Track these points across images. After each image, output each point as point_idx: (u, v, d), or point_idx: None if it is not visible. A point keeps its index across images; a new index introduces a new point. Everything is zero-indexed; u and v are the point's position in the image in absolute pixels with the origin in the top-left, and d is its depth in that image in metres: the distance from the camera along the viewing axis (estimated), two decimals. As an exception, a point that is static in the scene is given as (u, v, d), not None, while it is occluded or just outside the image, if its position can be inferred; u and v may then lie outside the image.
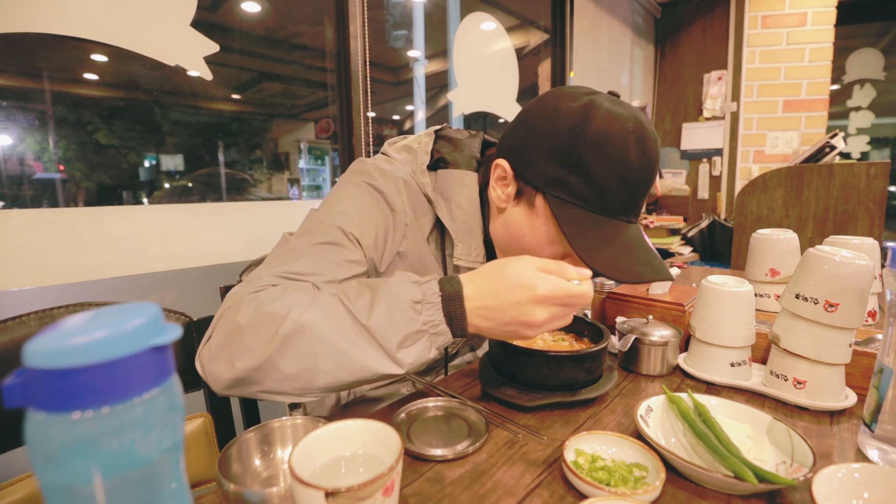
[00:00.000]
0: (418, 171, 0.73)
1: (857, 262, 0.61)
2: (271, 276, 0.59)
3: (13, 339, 0.63)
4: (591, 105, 0.59)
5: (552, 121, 0.61)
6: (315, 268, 0.61)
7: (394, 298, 0.53)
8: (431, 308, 0.53)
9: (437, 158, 0.74)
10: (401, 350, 0.53)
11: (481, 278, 0.55)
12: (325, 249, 0.63)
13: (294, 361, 0.52)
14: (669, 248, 3.03)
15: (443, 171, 0.73)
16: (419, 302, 0.53)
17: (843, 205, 2.07)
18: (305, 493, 0.36)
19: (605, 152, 0.58)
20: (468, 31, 2.30)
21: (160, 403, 0.24)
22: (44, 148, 1.11)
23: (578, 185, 0.60)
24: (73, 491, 0.22)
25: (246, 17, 1.46)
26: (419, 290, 0.54)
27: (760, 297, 1.00)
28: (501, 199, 0.67)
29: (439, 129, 0.79)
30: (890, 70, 3.64)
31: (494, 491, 0.49)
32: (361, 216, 0.67)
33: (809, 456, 0.49)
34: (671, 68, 3.77)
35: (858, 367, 0.69)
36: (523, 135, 0.64)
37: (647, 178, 0.61)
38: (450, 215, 0.71)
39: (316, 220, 0.67)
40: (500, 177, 0.67)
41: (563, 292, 0.51)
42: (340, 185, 0.72)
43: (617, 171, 0.59)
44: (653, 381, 0.76)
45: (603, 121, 0.58)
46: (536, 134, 0.62)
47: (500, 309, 0.52)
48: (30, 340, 0.21)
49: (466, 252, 0.72)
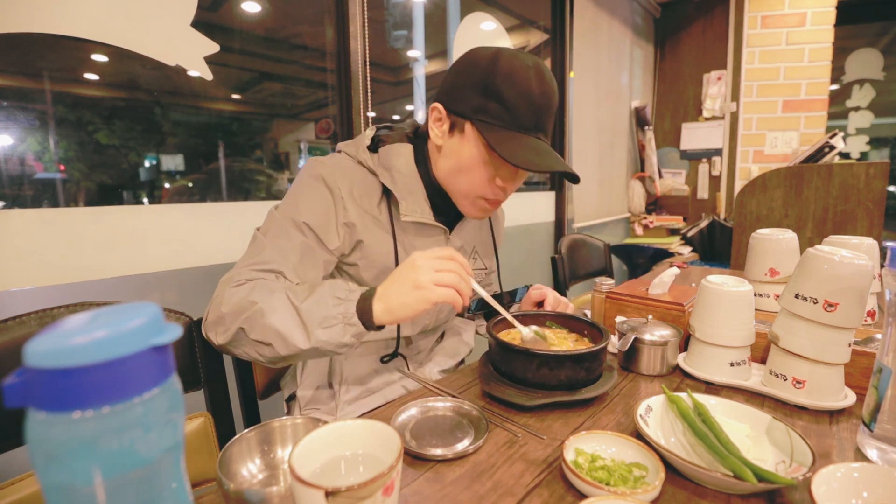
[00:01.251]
0: (361, 152, 0.86)
1: (856, 262, 0.61)
2: (247, 270, 0.75)
3: (13, 338, 0.63)
4: (499, 50, 0.78)
5: (472, 63, 0.79)
6: (275, 255, 0.77)
7: (323, 293, 0.69)
8: (347, 304, 0.68)
9: (376, 141, 0.88)
10: (318, 329, 0.67)
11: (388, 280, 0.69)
12: (281, 239, 0.78)
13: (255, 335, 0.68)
14: (669, 247, 3.03)
15: (382, 148, 0.86)
16: (341, 299, 0.69)
17: (842, 205, 2.07)
18: (305, 492, 0.36)
19: (513, 82, 0.74)
20: (468, 32, 2.30)
21: (160, 403, 0.24)
22: (44, 148, 1.11)
23: (496, 109, 0.76)
24: (73, 490, 0.22)
25: (246, 17, 1.46)
26: (345, 290, 0.70)
27: (760, 296, 1.00)
28: (438, 136, 0.82)
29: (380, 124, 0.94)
30: (889, 70, 3.64)
31: (494, 490, 0.49)
32: (307, 204, 0.80)
33: (809, 455, 0.49)
34: (671, 68, 3.77)
35: (857, 366, 0.70)
36: (451, 79, 0.81)
37: (547, 102, 0.77)
38: (392, 180, 0.84)
39: (273, 216, 0.81)
40: (436, 118, 0.82)
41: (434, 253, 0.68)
42: (293, 185, 0.86)
43: (523, 96, 0.75)
44: (652, 381, 0.76)
45: (509, 60, 0.76)
46: (461, 75, 0.79)
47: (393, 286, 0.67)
48: (30, 340, 0.21)
49: (411, 209, 0.85)
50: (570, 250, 1.77)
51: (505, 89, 0.75)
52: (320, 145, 1.81)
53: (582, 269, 1.82)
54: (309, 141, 1.78)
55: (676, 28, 3.70)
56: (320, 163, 0.84)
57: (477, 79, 0.77)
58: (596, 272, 1.89)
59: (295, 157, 1.76)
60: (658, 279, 0.93)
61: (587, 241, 1.89)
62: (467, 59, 0.81)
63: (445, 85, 0.82)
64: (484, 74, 0.76)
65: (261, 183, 1.64)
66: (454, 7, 2.24)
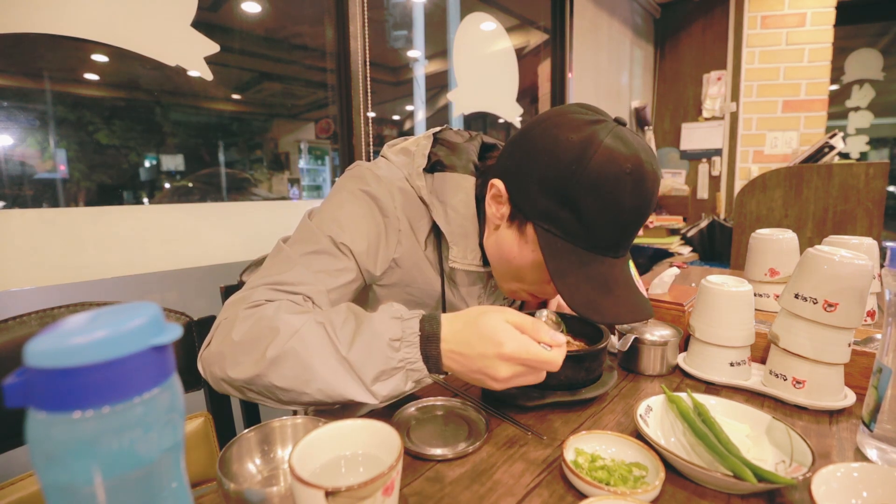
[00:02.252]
0: (414, 175, 0.74)
1: (856, 262, 0.61)
2: (266, 289, 0.62)
3: (14, 338, 0.63)
4: (591, 140, 0.58)
5: (550, 152, 0.60)
6: (305, 277, 0.64)
7: (374, 335, 0.55)
8: (409, 347, 0.55)
9: (434, 161, 0.74)
10: (376, 384, 0.55)
11: (459, 323, 0.56)
12: (315, 258, 0.66)
13: (279, 381, 0.55)
14: (669, 247, 3.03)
15: (439, 174, 0.73)
16: (398, 339, 0.55)
17: (842, 205, 2.07)
18: (305, 492, 0.36)
19: (599, 194, 0.57)
20: (468, 32, 2.30)
21: (160, 403, 0.24)
22: (44, 148, 1.11)
23: (568, 221, 0.60)
24: (73, 490, 0.22)
25: (246, 17, 1.46)
26: (399, 328, 0.56)
27: (760, 296, 1.00)
28: (496, 216, 0.68)
29: (438, 131, 0.80)
30: (889, 70, 3.64)
31: (494, 490, 0.49)
32: (353, 224, 0.68)
33: (808, 455, 0.49)
34: (671, 68, 3.77)
35: (857, 366, 0.70)
36: (520, 160, 0.64)
37: (639, 219, 0.61)
38: (445, 218, 0.72)
39: (308, 228, 0.68)
40: (495, 195, 0.68)
41: (528, 355, 0.52)
42: (336, 191, 0.73)
43: (609, 213, 0.59)
44: (652, 381, 0.76)
45: (600, 161, 0.57)
46: (533, 162, 0.61)
47: (470, 357, 0.54)
48: (30, 340, 0.21)
49: (462, 255, 0.73)
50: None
51: (585, 201, 0.58)
52: (320, 145, 1.81)
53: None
54: (309, 141, 1.79)
55: (676, 28, 3.70)
56: (375, 177, 0.71)
57: (552, 177, 0.59)
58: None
59: (295, 158, 1.76)
60: (658, 279, 0.93)
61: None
62: (546, 138, 0.61)
63: (511, 160, 0.65)
64: (564, 175, 0.58)
65: (261, 183, 1.65)
66: (454, 7, 2.24)
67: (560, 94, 2.83)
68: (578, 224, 0.59)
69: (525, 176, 0.62)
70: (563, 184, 0.58)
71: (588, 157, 0.57)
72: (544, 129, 0.62)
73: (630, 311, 0.61)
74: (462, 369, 0.55)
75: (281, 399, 0.57)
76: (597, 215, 0.58)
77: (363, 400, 0.55)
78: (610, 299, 0.60)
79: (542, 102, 2.89)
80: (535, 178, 0.61)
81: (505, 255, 0.68)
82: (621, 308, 0.61)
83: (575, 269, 0.60)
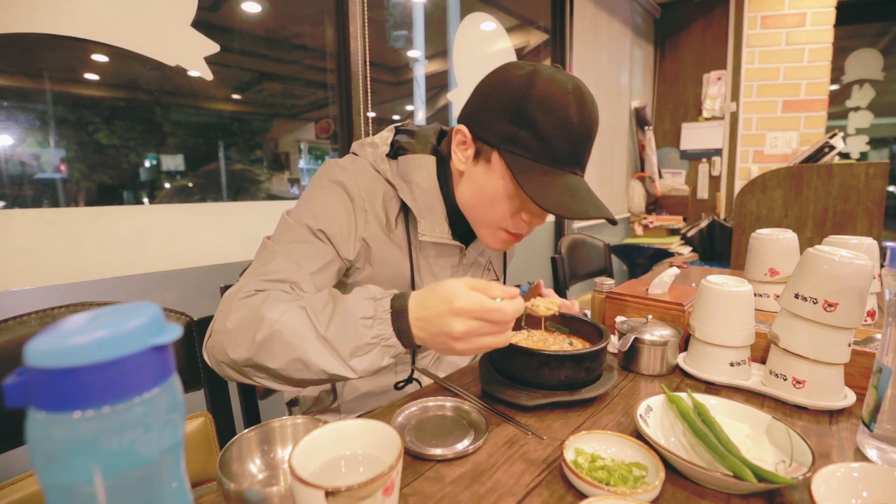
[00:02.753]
0: (379, 160, 0.79)
1: (856, 262, 0.61)
2: (256, 280, 0.67)
3: (14, 338, 0.63)
4: (535, 71, 0.68)
5: (503, 85, 0.70)
6: (288, 264, 0.70)
7: (347, 314, 0.60)
8: (381, 323, 0.59)
9: (396, 147, 0.80)
10: (353, 359, 0.60)
11: (422, 293, 0.60)
12: (295, 247, 0.72)
13: (271, 362, 0.60)
14: (669, 247, 3.03)
15: (402, 157, 0.79)
16: (370, 318, 0.60)
17: (842, 205, 2.07)
18: (305, 492, 0.36)
19: (549, 108, 0.66)
20: (468, 32, 2.30)
21: (161, 403, 0.24)
22: (44, 148, 1.11)
23: (527, 139, 0.67)
24: (74, 490, 0.22)
25: (246, 17, 1.46)
26: (372, 307, 0.60)
27: (760, 296, 1.00)
28: (462, 161, 0.75)
29: (400, 124, 0.86)
30: (889, 70, 3.64)
31: (494, 490, 0.49)
32: (324, 211, 0.74)
33: (808, 455, 0.49)
34: (671, 68, 3.77)
35: (857, 366, 0.70)
36: (478, 101, 0.73)
37: (587, 132, 0.69)
38: (411, 196, 0.77)
39: (286, 222, 0.75)
40: (460, 141, 0.75)
41: (478, 306, 0.55)
42: (308, 188, 0.79)
43: (560, 126, 0.66)
44: (652, 381, 0.76)
45: (545, 83, 0.67)
46: (489, 98, 0.71)
47: (428, 319, 0.58)
48: (30, 340, 0.21)
49: (430, 228, 0.78)
50: (570, 250, 1.77)
51: (539, 117, 0.66)
52: (320, 145, 1.81)
53: (582, 269, 1.82)
54: (309, 141, 1.79)
55: (676, 28, 3.70)
56: (341, 168, 0.78)
57: (507, 103, 0.68)
58: (596, 272, 1.89)
59: (295, 157, 1.76)
60: (658, 279, 0.93)
61: (587, 241, 1.89)
62: (498, 79, 0.71)
63: (471, 106, 0.74)
64: (516, 98, 0.67)
65: (261, 183, 1.64)
66: (454, 7, 2.24)
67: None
68: (536, 140, 0.67)
69: (485, 111, 0.71)
70: (517, 106, 0.67)
71: (535, 82, 0.67)
72: (494, 74, 0.73)
73: (596, 210, 0.68)
74: (426, 335, 0.58)
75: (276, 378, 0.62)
76: (550, 129, 0.66)
77: (342, 374, 0.60)
78: (576, 200, 0.68)
79: (542, 102, 2.88)
80: (495, 109, 0.70)
81: (476, 192, 0.75)
82: (588, 207, 0.68)
83: (541, 177, 0.68)
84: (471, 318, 0.56)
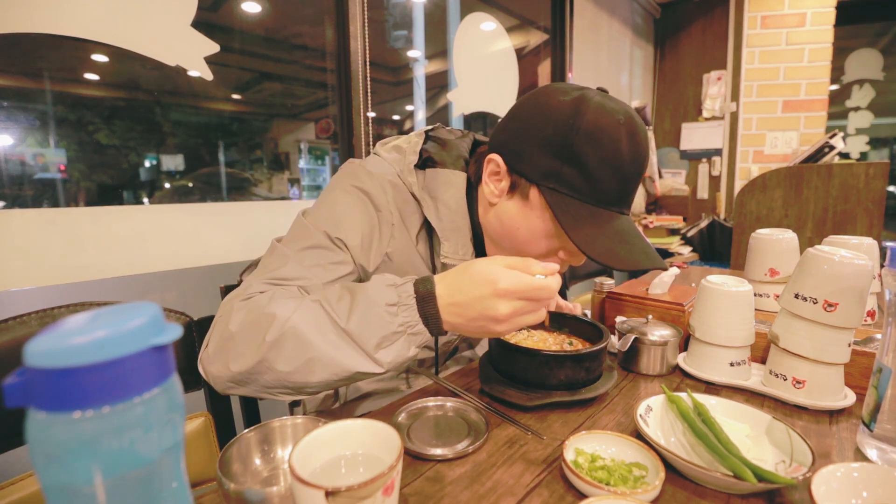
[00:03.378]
0: (406, 171, 0.74)
1: (856, 262, 0.61)
2: (260, 283, 0.62)
3: (14, 338, 0.63)
4: (582, 99, 0.61)
5: (545, 114, 0.62)
6: (301, 272, 0.64)
7: (370, 302, 0.55)
8: (407, 310, 0.55)
9: (425, 158, 0.75)
10: (379, 351, 0.55)
11: (451, 276, 0.56)
12: (310, 254, 0.66)
13: (283, 364, 0.55)
14: (669, 248, 3.03)
15: (430, 170, 0.74)
16: (395, 304, 0.55)
17: (842, 205, 2.07)
18: (305, 492, 0.36)
19: (599, 144, 0.59)
20: (468, 32, 2.30)
21: (161, 403, 0.24)
22: (44, 148, 1.11)
23: (573, 176, 0.61)
24: (73, 490, 0.22)
25: (246, 17, 1.46)
26: (394, 293, 0.56)
27: (760, 296, 1.00)
28: (494, 193, 0.68)
29: (431, 129, 0.80)
30: (889, 70, 3.64)
31: (494, 490, 0.49)
32: (347, 219, 0.69)
33: (808, 455, 0.49)
34: (671, 68, 3.77)
35: (857, 366, 0.70)
36: (516, 128, 0.65)
37: (639, 169, 0.63)
38: (436, 214, 0.72)
39: (303, 225, 0.69)
40: (492, 171, 0.68)
41: (525, 286, 0.52)
42: (329, 189, 0.74)
43: (610, 163, 0.60)
44: (652, 381, 0.76)
45: (595, 113, 0.60)
46: (529, 127, 0.63)
47: (467, 304, 0.54)
48: (30, 340, 0.21)
49: (454, 250, 0.73)
50: (570, 250, 1.77)
51: (587, 152, 0.59)
52: (320, 145, 1.81)
53: (582, 268, 1.82)
54: (309, 141, 1.79)
55: (676, 28, 3.70)
56: (367, 173, 0.72)
57: (551, 135, 0.61)
58: (596, 272, 1.89)
59: (295, 157, 1.76)
60: (658, 279, 0.93)
61: (587, 241, 1.88)
62: (539, 105, 0.63)
63: (507, 133, 0.66)
64: (561, 130, 0.60)
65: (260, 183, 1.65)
66: (454, 7, 2.24)
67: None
68: (582, 178, 0.60)
69: (524, 142, 0.63)
70: (563, 139, 0.60)
71: (582, 112, 0.60)
72: (534, 99, 0.65)
73: (648, 258, 0.62)
74: (462, 321, 0.55)
75: (288, 385, 0.56)
76: (599, 166, 0.60)
77: (368, 370, 0.55)
78: (626, 247, 0.61)
79: (542, 102, 2.88)
80: (535, 140, 0.62)
81: (508, 229, 0.68)
82: (639, 255, 0.61)
83: (586, 221, 0.61)
84: (516, 299, 0.53)
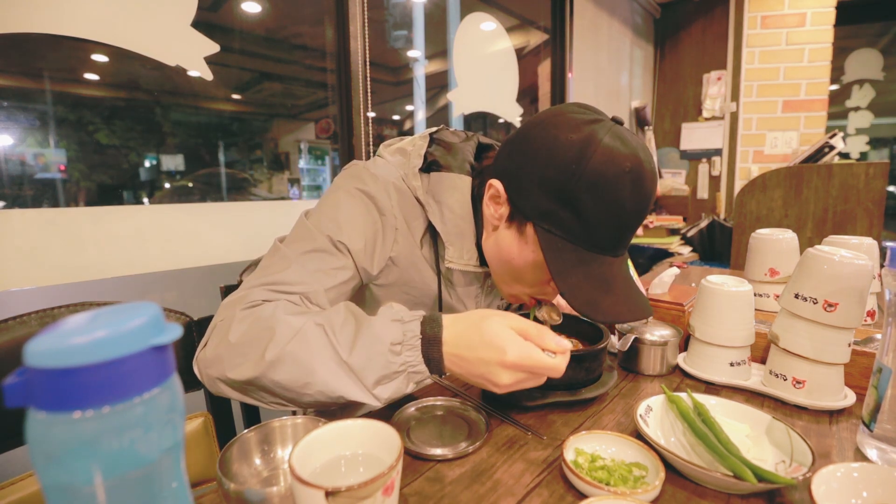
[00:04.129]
0: (410, 175, 0.73)
1: (856, 262, 0.61)
2: (263, 289, 0.62)
3: (14, 338, 0.63)
4: (590, 139, 0.57)
5: (549, 152, 0.59)
6: (303, 276, 0.64)
7: (374, 338, 0.55)
8: (411, 350, 0.55)
9: (430, 161, 0.74)
10: (378, 387, 0.55)
11: (461, 326, 0.55)
12: (312, 257, 0.65)
13: (279, 382, 0.55)
14: (669, 247, 3.03)
15: (435, 174, 0.73)
16: (399, 343, 0.55)
17: (842, 205, 2.07)
18: (305, 492, 0.36)
19: (599, 193, 0.57)
20: (468, 32, 2.30)
21: (161, 403, 0.24)
22: (44, 148, 1.11)
23: (569, 220, 0.59)
24: (73, 490, 0.22)
25: (246, 17, 1.46)
26: (400, 331, 0.55)
27: (760, 296, 1.00)
28: (494, 217, 0.67)
29: (435, 131, 0.79)
30: (889, 70, 3.64)
31: (494, 490, 0.49)
32: (350, 223, 0.68)
33: (808, 455, 0.49)
34: (671, 68, 3.77)
35: (857, 366, 0.70)
36: (520, 161, 0.63)
37: (639, 218, 0.61)
38: (441, 218, 0.72)
39: (305, 227, 0.68)
40: (493, 196, 0.67)
41: (532, 362, 0.52)
42: (332, 190, 0.73)
43: (609, 212, 0.58)
44: (652, 381, 0.76)
45: (600, 160, 0.56)
46: (532, 163, 0.61)
47: (471, 361, 0.53)
48: (30, 340, 0.21)
49: (458, 255, 0.73)
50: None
51: (586, 200, 0.57)
52: (320, 145, 1.81)
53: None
54: (309, 141, 1.79)
55: (676, 28, 3.70)
56: (371, 175, 0.71)
57: (552, 176, 0.58)
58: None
59: (295, 157, 1.76)
60: (658, 279, 0.93)
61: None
62: (546, 141, 0.59)
63: (509, 161, 0.64)
64: (562, 174, 0.57)
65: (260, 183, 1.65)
66: (454, 7, 2.24)
67: (560, 94, 2.82)
68: (578, 224, 0.59)
69: (524, 177, 0.61)
70: (563, 184, 0.57)
71: (588, 157, 0.56)
72: (543, 130, 0.61)
73: (630, 310, 0.61)
74: (463, 372, 0.55)
75: (280, 399, 0.57)
76: (597, 215, 0.58)
77: (365, 401, 0.56)
78: (610, 298, 0.60)
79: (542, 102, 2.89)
80: (535, 178, 0.60)
81: (504, 255, 0.67)
82: (621, 307, 0.60)
83: (575, 268, 0.60)
84: (520, 372, 0.52)
